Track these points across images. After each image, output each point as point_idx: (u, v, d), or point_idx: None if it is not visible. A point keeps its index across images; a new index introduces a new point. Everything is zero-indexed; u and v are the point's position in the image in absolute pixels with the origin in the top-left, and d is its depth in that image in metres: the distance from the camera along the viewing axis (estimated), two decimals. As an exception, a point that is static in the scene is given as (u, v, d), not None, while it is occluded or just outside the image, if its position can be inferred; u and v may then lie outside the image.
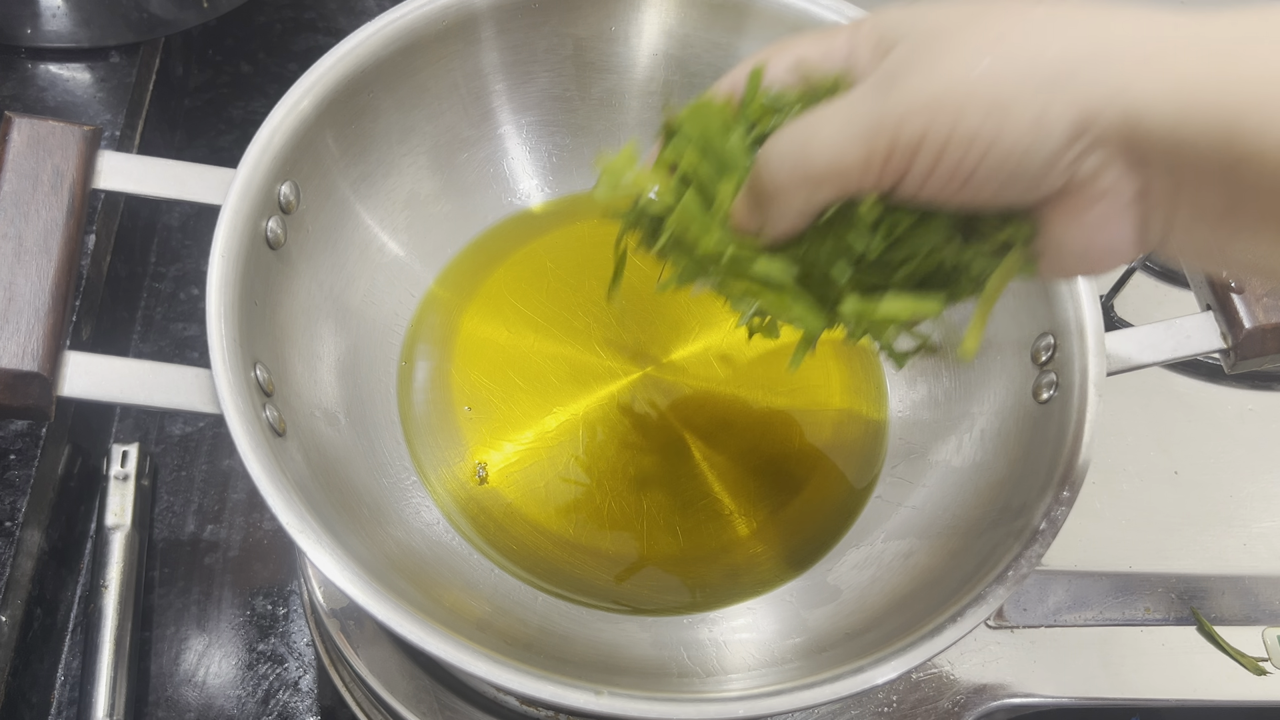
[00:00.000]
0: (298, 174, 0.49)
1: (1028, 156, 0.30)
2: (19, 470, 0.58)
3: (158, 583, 0.64)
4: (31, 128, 0.45)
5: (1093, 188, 0.31)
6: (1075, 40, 0.29)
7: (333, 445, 0.49)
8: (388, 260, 0.57)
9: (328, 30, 0.86)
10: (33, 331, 0.42)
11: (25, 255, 0.43)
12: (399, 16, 0.52)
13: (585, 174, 0.62)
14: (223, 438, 0.67)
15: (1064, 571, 0.59)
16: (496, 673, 0.38)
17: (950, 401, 0.55)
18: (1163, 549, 0.62)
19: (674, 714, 0.38)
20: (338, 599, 0.53)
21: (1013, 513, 0.46)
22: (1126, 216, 0.31)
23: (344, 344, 0.53)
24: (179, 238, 0.77)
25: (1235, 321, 0.49)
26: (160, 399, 0.43)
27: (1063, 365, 0.48)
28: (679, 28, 0.58)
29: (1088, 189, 0.31)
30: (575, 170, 0.62)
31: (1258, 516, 0.64)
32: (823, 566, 0.52)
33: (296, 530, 0.40)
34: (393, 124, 0.55)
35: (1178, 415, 0.68)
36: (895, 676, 0.39)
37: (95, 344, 0.65)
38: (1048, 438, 0.47)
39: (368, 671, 0.51)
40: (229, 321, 0.44)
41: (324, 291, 0.52)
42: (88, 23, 0.71)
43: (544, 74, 0.59)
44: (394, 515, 0.50)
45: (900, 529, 0.53)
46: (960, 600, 0.42)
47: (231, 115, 0.82)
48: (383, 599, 0.39)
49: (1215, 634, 0.57)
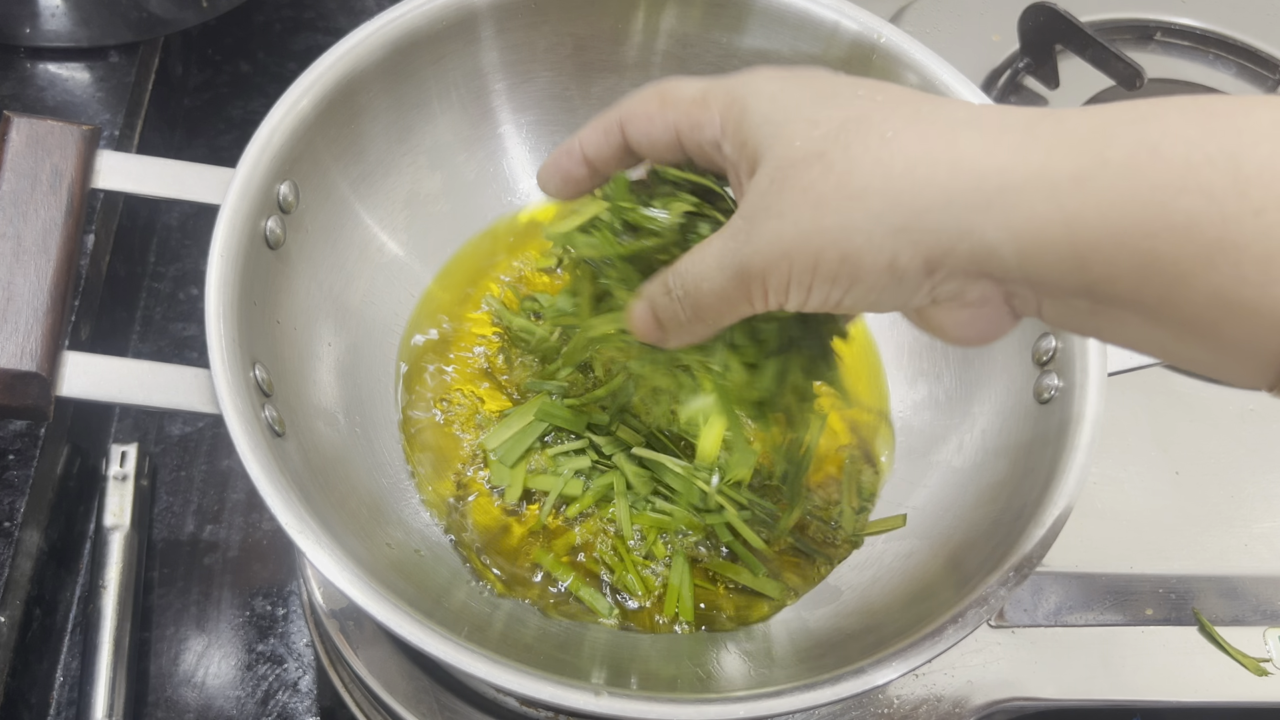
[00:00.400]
0: (297, 173, 0.49)
1: (887, 293, 0.32)
2: (18, 470, 0.58)
3: (157, 583, 0.64)
4: (30, 127, 0.45)
5: (960, 300, 0.32)
6: (920, 182, 0.30)
7: (332, 445, 0.49)
8: (387, 260, 0.57)
9: (327, 30, 0.86)
10: (31, 331, 0.42)
11: (24, 255, 0.43)
12: (399, 16, 0.52)
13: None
14: (222, 438, 0.67)
15: (1065, 572, 0.59)
16: (496, 673, 0.38)
17: (951, 402, 0.55)
18: (1163, 549, 0.62)
19: (674, 714, 0.38)
20: (337, 599, 0.53)
21: (1013, 513, 0.46)
22: (998, 309, 0.33)
23: (343, 344, 0.53)
24: (178, 237, 0.77)
25: (1236, 321, 0.49)
26: (159, 399, 0.43)
27: (1064, 365, 0.48)
28: (679, 27, 0.58)
29: (956, 301, 0.32)
30: (575, 170, 0.61)
31: (1258, 516, 0.64)
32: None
33: (296, 530, 0.40)
34: (392, 123, 0.55)
35: (1178, 415, 0.68)
36: (896, 677, 0.39)
37: (94, 344, 0.65)
38: (1049, 438, 0.47)
39: (367, 672, 0.51)
40: (228, 321, 0.43)
41: (323, 291, 0.52)
42: (87, 22, 0.71)
43: (544, 73, 0.59)
44: (393, 515, 0.50)
45: (901, 529, 0.52)
46: (961, 601, 0.41)
47: (231, 115, 0.82)
48: (382, 599, 0.39)
49: (1216, 634, 0.57)
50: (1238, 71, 0.85)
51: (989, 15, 0.84)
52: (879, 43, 0.55)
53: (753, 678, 0.47)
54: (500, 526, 0.52)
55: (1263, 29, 0.86)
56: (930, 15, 0.83)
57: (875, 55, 0.55)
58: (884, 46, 0.55)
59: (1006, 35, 0.82)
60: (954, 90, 0.53)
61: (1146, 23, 0.86)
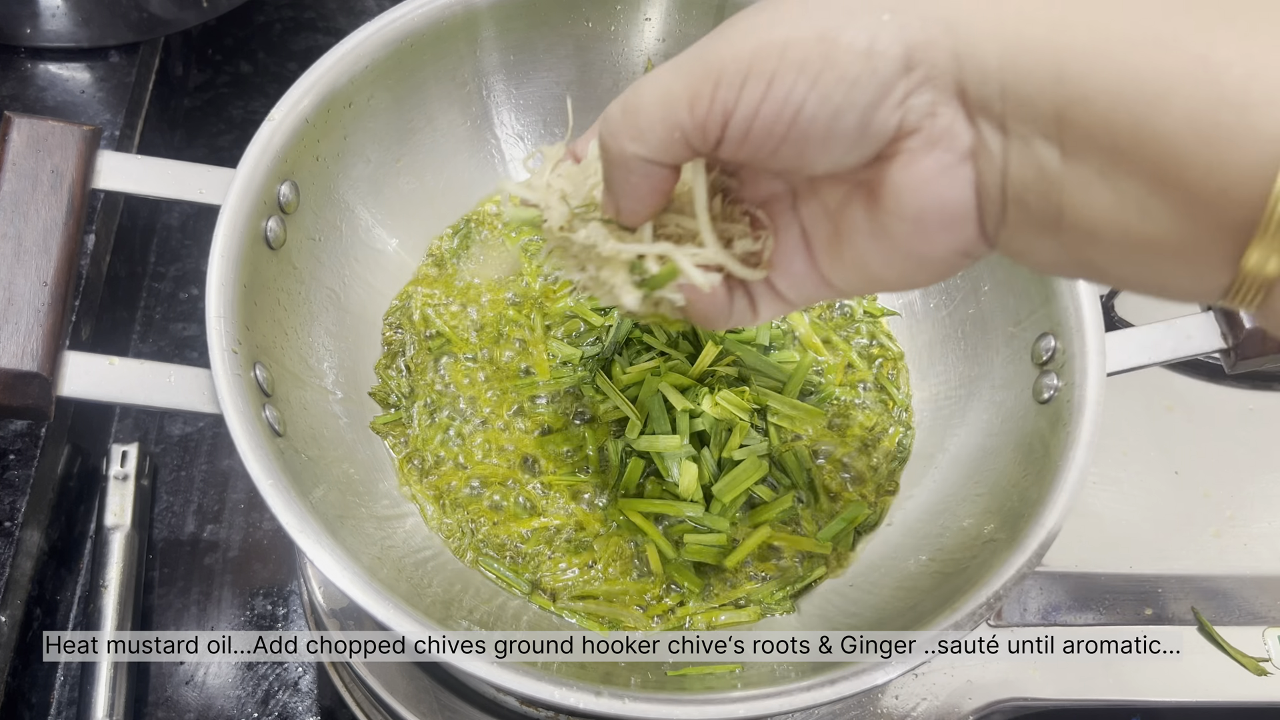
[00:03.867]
0: (298, 174, 0.49)
1: (856, 87, 0.29)
2: (18, 470, 0.58)
3: (157, 583, 0.64)
4: (31, 127, 0.45)
5: (925, 131, 0.30)
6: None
7: (333, 445, 0.49)
8: (387, 260, 0.57)
9: (327, 30, 0.86)
10: (32, 331, 0.42)
11: (25, 255, 0.43)
12: (399, 16, 0.52)
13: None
14: (223, 438, 0.67)
15: (1064, 572, 0.59)
16: (496, 673, 0.38)
17: (951, 402, 0.55)
18: (1163, 549, 0.62)
19: (674, 714, 0.38)
20: (338, 599, 0.53)
21: (1014, 513, 0.46)
22: (961, 174, 0.30)
23: (344, 343, 0.53)
24: (179, 238, 0.77)
25: (1235, 322, 0.49)
26: (160, 399, 0.43)
27: (1063, 366, 0.48)
28: (679, 27, 0.58)
29: (920, 133, 0.30)
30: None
31: (1258, 516, 0.64)
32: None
33: (296, 530, 0.40)
34: (392, 123, 0.55)
35: (1178, 415, 0.68)
36: (895, 677, 0.39)
37: (95, 344, 0.65)
38: (1048, 438, 0.47)
39: (367, 672, 0.51)
40: (229, 322, 0.43)
41: (324, 291, 0.52)
42: (87, 22, 0.71)
43: (544, 74, 0.59)
44: (393, 514, 0.50)
45: (899, 529, 0.52)
46: (961, 601, 0.41)
47: (231, 115, 0.82)
48: (383, 599, 0.39)
49: (1216, 634, 0.57)
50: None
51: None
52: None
53: (752, 676, 0.47)
54: (504, 531, 0.52)
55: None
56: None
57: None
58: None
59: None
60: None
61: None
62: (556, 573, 0.50)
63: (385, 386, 0.54)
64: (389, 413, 0.53)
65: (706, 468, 0.51)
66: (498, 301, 0.57)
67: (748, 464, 0.51)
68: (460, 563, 0.50)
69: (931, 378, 0.57)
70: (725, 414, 0.52)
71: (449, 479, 0.52)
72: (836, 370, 0.57)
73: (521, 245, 0.59)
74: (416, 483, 0.52)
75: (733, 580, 0.51)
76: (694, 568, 0.50)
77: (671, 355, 0.54)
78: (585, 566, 0.50)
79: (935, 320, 0.57)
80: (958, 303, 0.56)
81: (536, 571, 0.50)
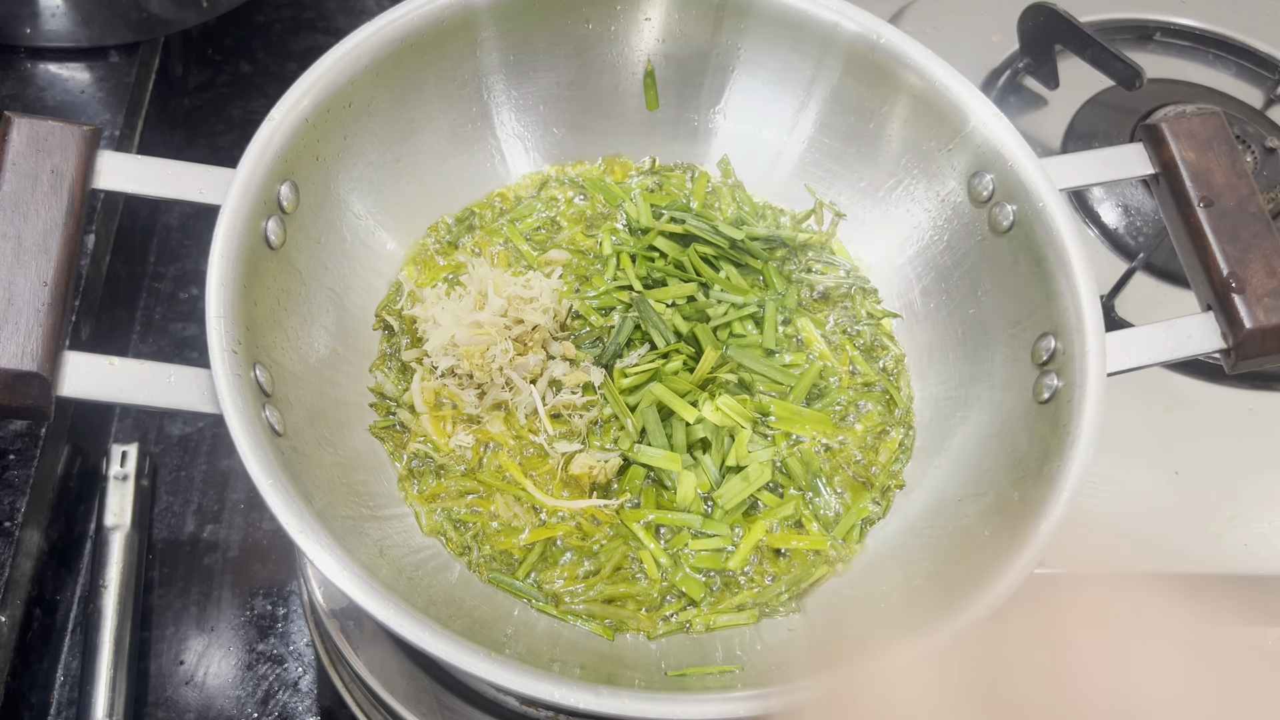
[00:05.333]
0: (297, 174, 0.49)
1: None
2: (18, 470, 0.58)
3: (157, 583, 0.64)
4: (31, 128, 0.45)
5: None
6: None
7: (332, 445, 0.49)
8: (387, 260, 0.57)
9: (327, 30, 0.86)
10: (32, 331, 0.42)
11: (25, 255, 0.43)
12: (399, 16, 0.52)
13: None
14: (223, 438, 0.67)
15: (1064, 573, 0.59)
16: (496, 673, 0.38)
17: (951, 402, 0.55)
18: (1163, 549, 0.62)
19: (674, 713, 0.38)
20: (338, 599, 0.53)
21: (1013, 512, 0.46)
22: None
23: (344, 344, 0.53)
24: (179, 238, 0.77)
25: (1235, 321, 0.49)
26: (160, 399, 0.43)
27: (1064, 366, 0.48)
28: (679, 27, 0.58)
29: None
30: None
31: (1258, 516, 0.64)
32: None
33: (296, 530, 0.40)
34: (392, 123, 0.55)
35: (1178, 415, 0.68)
36: (896, 677, 0.39)
37: (95, 344, 0.65)
38: (1048, 438, 0.47)
39: (367, 672, 0.51)
40: (229, 321, 0.43)
41: (324, 291, 0.52)
42: (87, 22, 0.71)
43: (544, 74, 0.59)
44: (392, 515, 0.50)
45: (900, 529, 0.52)
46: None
47: (231, 115, 0.82)
48: (382, 599, 0.39)
49: (1215, 634, 0.57)
50: (1237, 71, 0.85)
51: (989, 15, 0.84)
52: (879, 43, 0.55)
53: (752, 675, 0.47)
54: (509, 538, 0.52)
55: (1262, 29, 0.86)
56: (930, 15, 0.83)
57: (875, 55, 0.55)
58: (884, 46, 0.55)
59: (1006, 35, 0.82)
60: (953, 90, 0.53)
61: (1146, 23, 0.86)
62: (558, 575, 0.50)
63: (382, 388, 0.54)
64: (387, 417, 0.53)
65: (707, 474, 0.51)
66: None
67: (751, 471, 0.51)
68: (460, 563, 0.50)
69: (932, 378, 0.57)
70: (726, 421, 0.52)
71: (448, 482, 0.52)
72: (841, 373, 0.57)
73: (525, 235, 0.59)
74: (413, 487, 0.52)
75: (738, 582, 0.51)
76: (696, 571, 0.51)
77: (672, 357, 0.54)
78: (590, 574, 0.50)
79: (935, 321, 0.57)
80: (958, 303, 0.56)
81: (538, 574, 0.50)
